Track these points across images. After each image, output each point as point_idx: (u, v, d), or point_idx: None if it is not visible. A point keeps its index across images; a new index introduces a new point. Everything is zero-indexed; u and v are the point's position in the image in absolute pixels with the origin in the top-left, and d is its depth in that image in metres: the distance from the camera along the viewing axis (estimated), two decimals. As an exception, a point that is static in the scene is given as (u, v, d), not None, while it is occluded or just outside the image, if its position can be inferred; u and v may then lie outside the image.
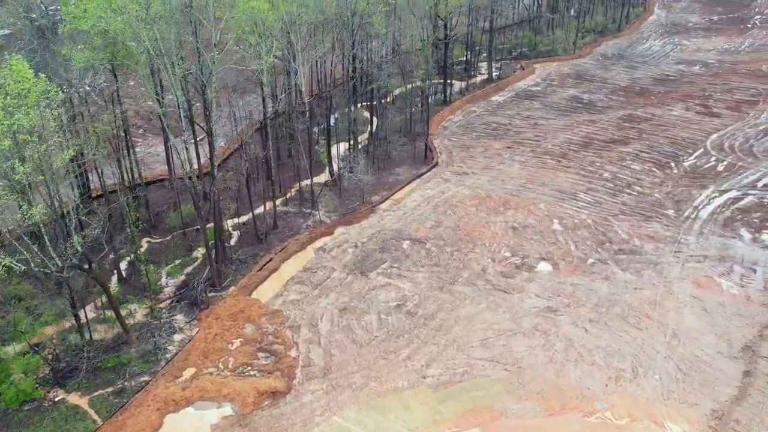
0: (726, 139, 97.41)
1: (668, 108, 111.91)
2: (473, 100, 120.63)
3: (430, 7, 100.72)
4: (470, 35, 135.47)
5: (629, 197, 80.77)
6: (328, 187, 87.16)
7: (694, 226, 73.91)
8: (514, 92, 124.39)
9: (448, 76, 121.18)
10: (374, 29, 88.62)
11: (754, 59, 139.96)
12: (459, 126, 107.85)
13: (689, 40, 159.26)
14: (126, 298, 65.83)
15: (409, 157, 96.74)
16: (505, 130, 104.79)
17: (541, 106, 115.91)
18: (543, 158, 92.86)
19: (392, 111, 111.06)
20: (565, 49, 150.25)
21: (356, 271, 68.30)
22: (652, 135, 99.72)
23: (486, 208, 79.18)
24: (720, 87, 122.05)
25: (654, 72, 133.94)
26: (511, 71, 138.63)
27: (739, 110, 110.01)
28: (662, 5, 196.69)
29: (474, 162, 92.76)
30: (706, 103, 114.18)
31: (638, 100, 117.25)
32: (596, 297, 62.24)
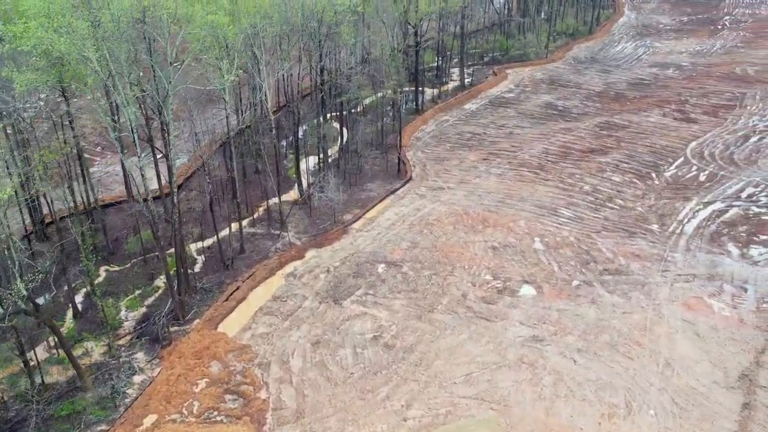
0: (706, 147, 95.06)
1: (645, 114, 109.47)
2: (446, 109, 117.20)
3: (399, 13, 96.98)
4: (441, 41, 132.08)
5: (611, 212, 77.76)
6: (298, 206, 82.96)
7: (680, 241, 71.05)
8: (488, 99, 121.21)
9: (420, 84, 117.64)
10: (342, 39, 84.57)
11: (726, 62, 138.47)
12: (432, 136, 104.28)
13: (661, 42, 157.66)
14: (81, 335, 61.21)
15: (382, 171, 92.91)
16: (479, 140, 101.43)
17: (515, 113, 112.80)
18: (520, 170, 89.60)
19: (363, 122, 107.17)
20: (537, 54, 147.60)
21: (329, 299, 64.30)
22: (630, 143, 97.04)
23: (464, 227, 75.59)
24: (696, 91, 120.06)
25: (628, 76, 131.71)
26: (483, 77, 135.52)
27: (717, 115, 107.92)
28: (632, 6, 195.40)
29: (449, 175, 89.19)
30: (682, 108, 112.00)
31: (614, 106, 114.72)
32: (583, 323, 58.92)
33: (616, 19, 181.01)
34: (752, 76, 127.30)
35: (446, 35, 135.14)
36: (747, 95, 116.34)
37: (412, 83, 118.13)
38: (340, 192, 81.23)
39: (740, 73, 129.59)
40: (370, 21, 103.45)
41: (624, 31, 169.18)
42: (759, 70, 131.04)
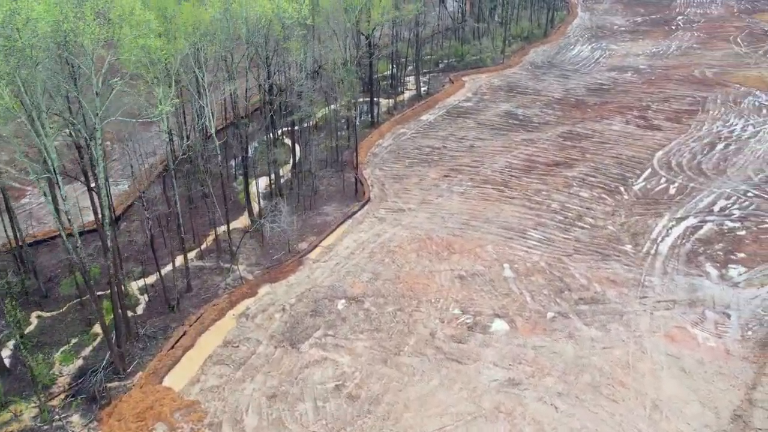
0: (672, 156, 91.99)
1: (607, 122, 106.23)
2: (402, 121, 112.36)
3: (351, 23, 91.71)
4: (395, 48, 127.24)
5: (582, 232, 73.77)
6: (250, 234, 77.10)
7: (656, 263, 67.31)
8: (445, 109, 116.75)
9: (375, 94, 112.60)
10: (292, 55, 78.97)
11: (684, 63, 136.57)
12: (390, 152, 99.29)
13: (617, 44, 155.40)
14: (7, 398, 54.60)
15: (338, 191, 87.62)
16: (439, 154, 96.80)
17: (474, 124, 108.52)
18: (484, 188, 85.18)
19: (316, 138, 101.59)
20: (494, 59, 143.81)
21: (285, 343, 58.84)
22: (595, 155, 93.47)
23: (428, 253, 70.73)
24: (656, 96, 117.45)
25: (587, 81, 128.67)
26: (439, 85, 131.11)
27: (680, 122, 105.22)
28: (585, 7, 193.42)
29: (409, 195, 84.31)
30: (645, 114, 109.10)
31: (575, 113, 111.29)
32: (562, 362, 54.54)
33: (570, 20, 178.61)
34: (711, 78, 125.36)
35: (400, 42, 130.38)
36: (708, 99, 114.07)
37: (367, 94, 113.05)
38: (294, 222, 75.71)
39: (699, 76, 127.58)
40: (320, 32, 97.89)
41: (579, 33, 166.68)
42: (717, 72, 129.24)
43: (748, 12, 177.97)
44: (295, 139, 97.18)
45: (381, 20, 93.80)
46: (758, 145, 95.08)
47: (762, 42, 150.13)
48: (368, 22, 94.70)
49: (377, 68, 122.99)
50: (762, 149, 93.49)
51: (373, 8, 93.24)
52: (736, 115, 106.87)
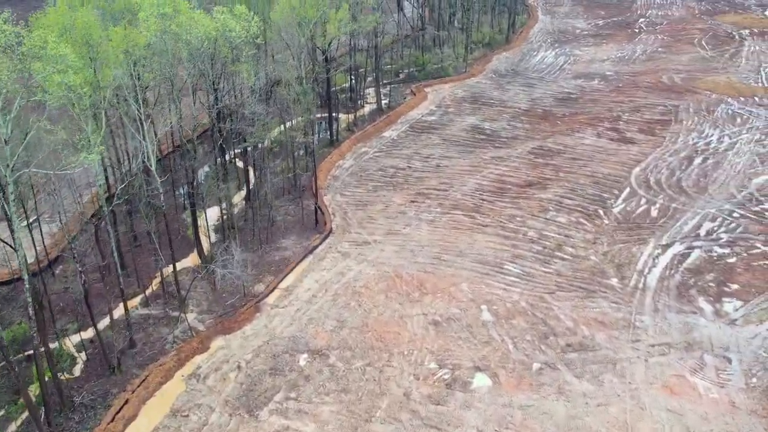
0: (650, 173, 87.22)
1: (579, 135, 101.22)
2: (364, 138, 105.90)
3: (306, 39, 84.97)
4: (353, 59, 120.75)
5: (563, 263, 68.20)
6: (200, 276, 69.88)
7: (645, 299, 62.01)
8: (408, 124, 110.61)
9: (333, 109, 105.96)
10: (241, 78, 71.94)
11: (651, 69, 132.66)
12: (351, 174, 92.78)
13: (580, 49, 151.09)
14: None
15: (297, 222, 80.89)
16: (404, 176, 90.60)
17: (440, 140, 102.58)
18: (454, 214, 79.21)
19: (272, 162, 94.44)
20: (456, 68, 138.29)
21: (241, 410, 52.00)
22: (570, 173, 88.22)
23: (398, 294, 64.43)
24: (627, 105, 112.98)
25: (553, 89, 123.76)
26: (401, 97, 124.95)
27: (654, 133, 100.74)
28: (545, 11, 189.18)
29: (374, 225, 77.93)
30: (616, 126, 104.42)
31: (544, 126, 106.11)
32: (553, 425, 48.69)
33: (532, 25, 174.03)
34: (680, 85, 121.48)
35: (358, 52, 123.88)
36: (680, 108, 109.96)
37: (325, 109, 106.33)
38: (247, 265, 68.81)
39: (668, 82, 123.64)
40: (274, 48, 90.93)
41: (541, 38, 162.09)
42: (685, 78, 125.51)
43: (709, 13, 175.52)
44: (248, 164, 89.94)
45: (338, 34, 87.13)
46: (736, 158, 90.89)
47: (726, 45, 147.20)
48: (324, 37, 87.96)
49: (335, 81, 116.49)
50: (741, 162, 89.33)
51: (328, 22, 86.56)
52: (711, 125, 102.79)
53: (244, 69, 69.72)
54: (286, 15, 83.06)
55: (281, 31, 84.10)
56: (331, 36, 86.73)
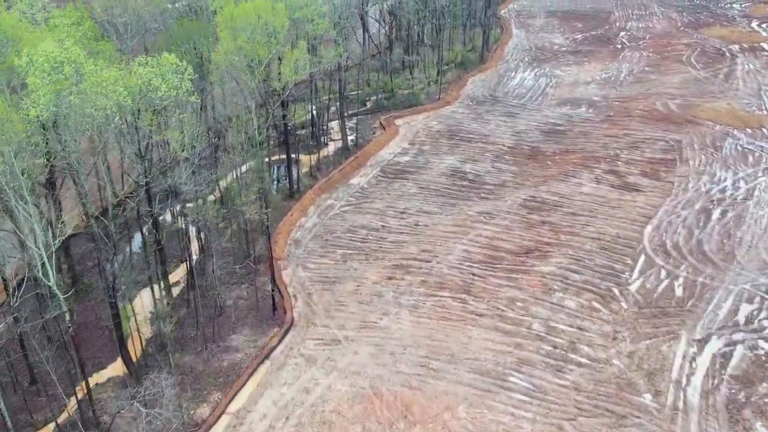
0: (665, 234, 74.80)
1: (575, 181, 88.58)
2: (329, 187, 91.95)
3: (257, 83, 70.80)
4: (314, 88, 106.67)
5: (581, 372, 55.12)
6: (128, 392, 55.31)
7: (690, 427, 48.99)
8: (379, 167, 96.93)
9: (292, 150, 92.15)
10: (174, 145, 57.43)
11: (642, 93, 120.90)
12: (315, 236, 78.86)
13: (561, 69, 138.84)
14: None
15: (251, 308, 66.83)
16: (378, 239, 76.98)
17: (416, 189, 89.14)
18: (441, 297, 65.76)
19: (219, 222, 79.63)
20: (428, 94, 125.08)
21: None
22: (571, 235, 75.38)
23: (377, 424, 50.59)
24: (622, 140, 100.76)
25: (538, 120, 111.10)
26: (369, 131, 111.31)
27: (659, 177, 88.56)
28: (519, 24, 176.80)
29: (345, 314, 64.16)
30: (615, 168, 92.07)
31: (533, 167, 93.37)
32: None
33: (506, 41, 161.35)
34: (677, 113, 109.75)
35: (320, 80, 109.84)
36: (683, 144, 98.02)
37: (283, 148, 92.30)
38: (187, 379, 54.47)
39: (663, 110, 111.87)
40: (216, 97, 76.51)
41: (518, 56, 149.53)
42: (682, 105, 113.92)
43: (693, 25, 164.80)
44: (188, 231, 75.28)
45: (294, 78, 72.94)
46: (759, 209, 79.14)
47: (718, 63, 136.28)
48: (279, 80, 73.70)
49: (293, 114, 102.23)
50: (765, 216, 77.33)
51: (284, 62, 72.39)
52: (721, 165, 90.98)
53: (174, 137, 55.14)
54: (232, 57, 68.66)
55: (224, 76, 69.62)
56: (287, 80, 72.36)
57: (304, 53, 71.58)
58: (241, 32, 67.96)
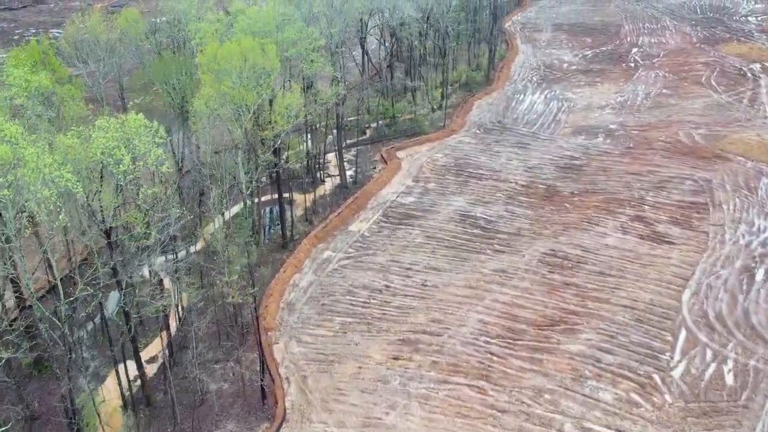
0: (706, 300, 66.34)
1: (598, 230, 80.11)
2: (326, 235, 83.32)
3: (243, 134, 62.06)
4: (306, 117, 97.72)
5: (626, 494, 46.39)
6: None
7: None
8: (381, 210, 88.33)
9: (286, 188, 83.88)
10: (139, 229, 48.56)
11: (662, 120, 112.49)
12: (311, 299, 70.37)
13: (573, 91, 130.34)
14: None
15: (236, 395, 58.26)
16: (381, 303, 68.49)
17: (423, 238, 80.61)
18: (455, 384, 57.15)
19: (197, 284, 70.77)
20: (432, 121, 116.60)
21: None
22: (600, 302, 66.89)
23: None
24: (646, 179, 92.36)
25: (552, 152, 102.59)
26: (369, 165, 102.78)
27: (691, 226, 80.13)
28: (525, 38, 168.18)
29: (345, 406, 55.52)
30: (641, 213, 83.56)
31: (550, 212, 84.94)
32: None
33: (512, 58, 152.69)
34: (704, 146, 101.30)
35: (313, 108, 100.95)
36: (714, 184, 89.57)
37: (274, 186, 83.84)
38: None
39: (687, 141, 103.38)
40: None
41: (526, 75, 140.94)
42: (707, 135, 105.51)
43: (709, 42, 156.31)
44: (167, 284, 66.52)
45: (286, 126, 64.20)
46: (808, 268, 70.47)
47: (740, 85, 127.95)
48: (270, 129, 64.92)
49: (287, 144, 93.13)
50: (816, 277, 68.89)
51: (275, 108, 63.66)
52: (758, 210, 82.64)
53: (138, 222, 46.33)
54: (215, 103, 59.89)
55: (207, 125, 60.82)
56: (280, 129, 63.60)
57: (297, 98, 62.76)
58: (226, 76, 59.10)
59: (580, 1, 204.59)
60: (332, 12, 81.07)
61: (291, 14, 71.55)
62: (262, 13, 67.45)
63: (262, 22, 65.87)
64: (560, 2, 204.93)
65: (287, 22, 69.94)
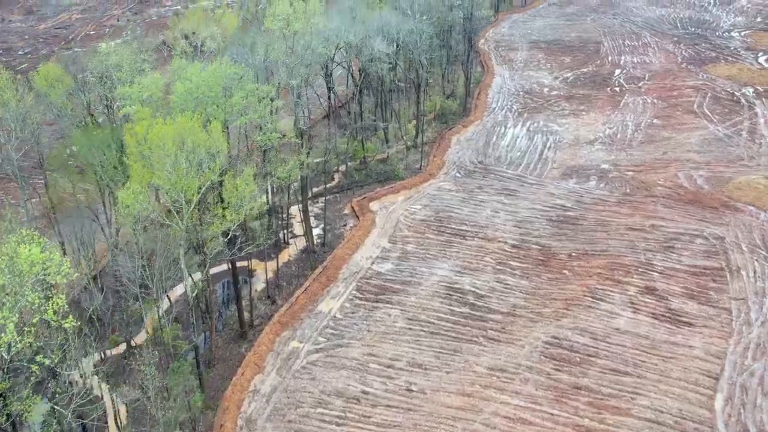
0: (743, 410, 56.51)
1: (604, 308, 69.85)
2: (292, 319, 71.91)
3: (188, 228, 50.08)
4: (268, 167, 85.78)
5: None
6: None
7: None
8: (354, 283, 77.10)
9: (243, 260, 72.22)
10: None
11: (658, 160, 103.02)
12: (274, 412, 60.02)
13: (557, 121, 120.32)
14: None
15: None
16: (359, 420, 57.29)
17: (404, 321, 69.66)
18: None
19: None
20: (407, 164, 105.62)
21: None
22: (620, 413, 56.57)
23: None
24: (651, 236, 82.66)
25: (542, 201, 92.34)
26: (339, 222, 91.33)
27: (709, 300, 70.33)
28: (500, 59, 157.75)
29: None
30: (651, 283, 73.56)
31: (548, 281, 74.71)
32: None
33: (489, 82, 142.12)
34: (709, 192, 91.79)
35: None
36: (727, 243, 79.93)
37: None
38: None
39: (689, 186, 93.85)
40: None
41: (504, 103, 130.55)
42: (710, 177, 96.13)
43: (695, 61, 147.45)
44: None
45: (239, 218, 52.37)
46: None
47: (735, 113, 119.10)
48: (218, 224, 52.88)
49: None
50: None
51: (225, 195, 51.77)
52: (782, 278, 72.76)
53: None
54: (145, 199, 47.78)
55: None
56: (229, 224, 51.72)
57: (251, 185, 50.93)
58: (160, 163, 47.09)
59: (554, 14, 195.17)
60: (292, 60, 69.23)
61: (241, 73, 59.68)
62: (205, 74, 55.52)
63: (206, 87, 54.00)
64: (533, 16, 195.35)
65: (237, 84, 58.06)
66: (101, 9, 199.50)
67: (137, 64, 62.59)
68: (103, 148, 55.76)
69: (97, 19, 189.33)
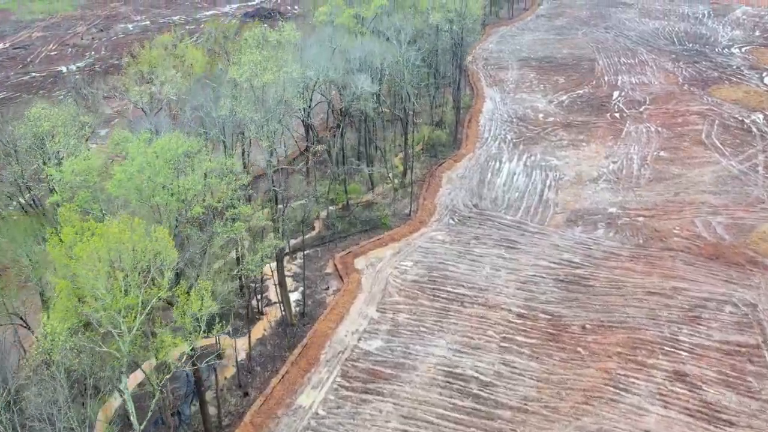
0: None
1: (629, 401, 60.43)
2: (266, 419, 61.74)
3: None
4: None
5: None
6: None
7: None
8: (338, 366, 67.13)
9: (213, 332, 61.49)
10: None
11: (671, 202, 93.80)
12: None
13: (556, 154, 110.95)
14: None
15: None
16: None
17: (398, 421, 59.84)
18: None
19: None
20: (395, 210, 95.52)
21: None
22: None
23: None
24: (672, 303, 73.39)
25: (547, 255, 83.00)
26: (320, 283, 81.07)
27: (748, 388, 61.52)
28: (490, 79, 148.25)
29: None
30: (680, 366, 64.07)
31: (561, 363, 65.37)
32: None
33: (480, 107, 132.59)
34: (731, 245, 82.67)
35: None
36: (759, 310, 70.65)
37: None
38: None
39: (709, 237, 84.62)
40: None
41: (497, 132, 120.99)
42: (730, 225, 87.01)
43: (697, 82, 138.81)
44: None
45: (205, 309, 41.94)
46: None
47: (748, 144, 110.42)
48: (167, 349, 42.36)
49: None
50: None
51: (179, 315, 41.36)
52: (829, 359, 63.48)
53: None
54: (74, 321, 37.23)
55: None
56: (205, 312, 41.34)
57: (208, 303, 40.50)
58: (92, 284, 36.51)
59: (544, 28, 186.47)
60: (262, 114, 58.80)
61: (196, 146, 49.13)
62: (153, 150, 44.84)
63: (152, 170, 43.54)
64: (522, 30, 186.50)
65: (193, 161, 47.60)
66: (65, 26, 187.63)
67: (76, 130, 52.02)
68: (29, 242, 45.07)
69: (60, 36, 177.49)
